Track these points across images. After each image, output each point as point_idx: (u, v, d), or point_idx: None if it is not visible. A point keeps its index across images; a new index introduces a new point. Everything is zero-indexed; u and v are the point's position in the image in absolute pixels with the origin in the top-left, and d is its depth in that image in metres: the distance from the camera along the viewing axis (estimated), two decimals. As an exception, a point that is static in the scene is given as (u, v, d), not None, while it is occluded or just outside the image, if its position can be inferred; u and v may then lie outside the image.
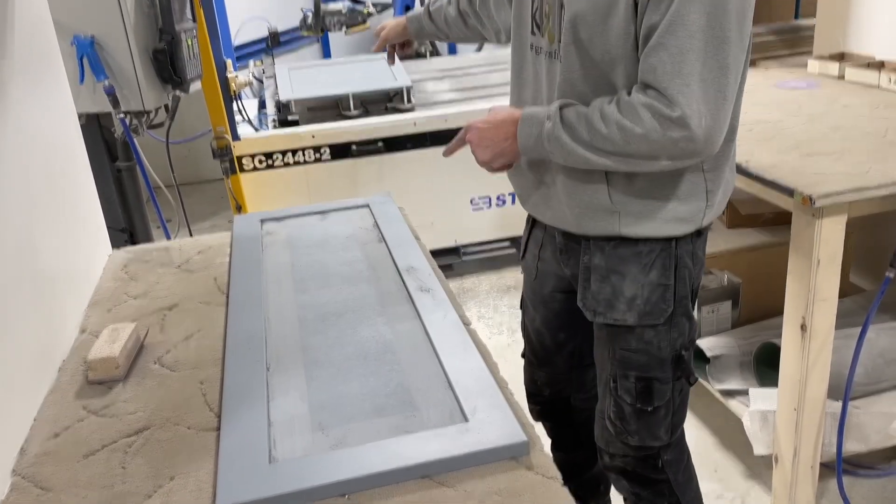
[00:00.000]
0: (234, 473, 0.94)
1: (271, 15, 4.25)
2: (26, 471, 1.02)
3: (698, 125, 1.18)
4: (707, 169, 1.37)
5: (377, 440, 0.99)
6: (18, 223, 1.25)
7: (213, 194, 4.83)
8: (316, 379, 1.15)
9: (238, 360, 1.19)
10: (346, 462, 0.94)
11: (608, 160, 1.27)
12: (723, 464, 2.30)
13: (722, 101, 1.20)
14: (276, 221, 1.79)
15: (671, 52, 1.17)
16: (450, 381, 1.09)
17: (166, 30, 2.42)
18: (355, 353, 1.21)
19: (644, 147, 1.23)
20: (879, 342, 2.09)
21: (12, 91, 1.30)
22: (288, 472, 0.94)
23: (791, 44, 3.69)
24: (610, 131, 1.24)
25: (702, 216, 1.40)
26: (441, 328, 1.24)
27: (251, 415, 1.05)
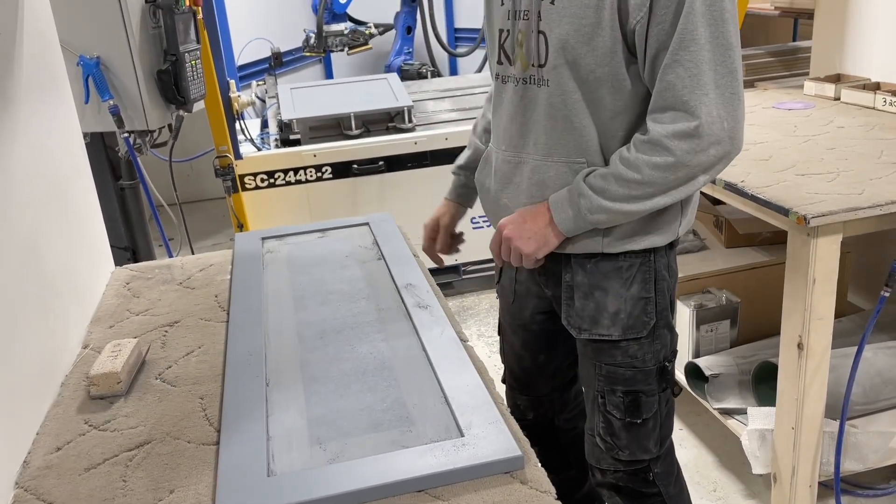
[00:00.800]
0: (233, 486, 0.95)
1: (274, 36, 4.31)
2: (29, 483, 1.04)
3: (721, 129, 1.24)
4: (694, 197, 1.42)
5: (374, 454, 1.00)
6: (24, 239, 1.27)
7: (215, 213, 4.86)
8: (314, 394, 1.17)
9: (238, 376, 1.21)
10: (343, 476, 0.96)
11: (653, 202, 1.31)
12: (722, 483, 2.30)
13: (737, 103, 1.26)
14: (277, 239, 1.81)
15: (687, 66, 1.23)
16: (446, 396, 1.11)
17: (170, 51, 2.46)
18: (353, 369, 1.23)
19: (682, 172, 1.27)
20: (877, 362, 2.10)
21: (21, 111, 1.33)
22: (286, 485, 0.95)
23: (789, 65, 3.73)
24: (644, 175, 1.28)
25: (678, 226, 1.44)
26: (438, 345, 1.25)
27: (250, 429, 1.06)
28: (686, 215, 1.45)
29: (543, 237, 1.39)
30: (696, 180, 1.30)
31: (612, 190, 1.30)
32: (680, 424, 2.58)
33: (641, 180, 1.28)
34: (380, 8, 4.88)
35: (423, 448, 1.00)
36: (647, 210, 1.32)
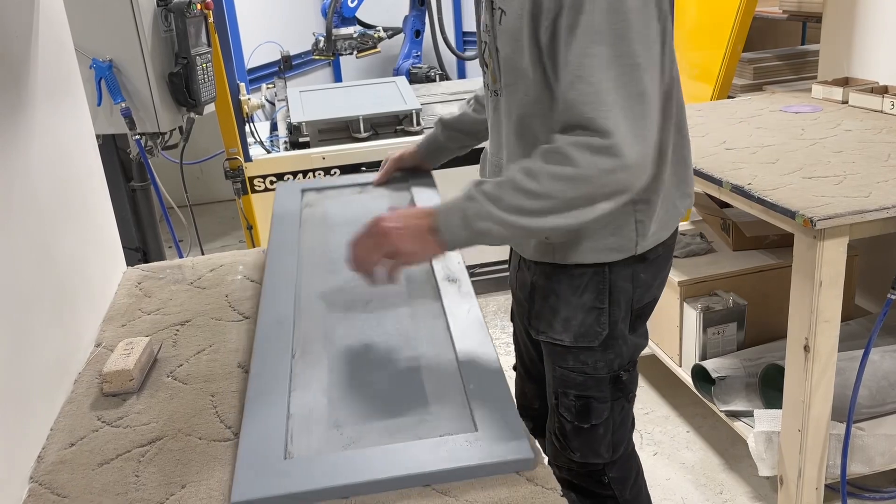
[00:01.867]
0: (252, 468, 0.98)
1: (284, 39, 4.34)
2: (43, 478, 1.06)
3: (630, 151, 1.13)
4: (636, 201, 1.32)
5: (389, 443, 1.02)
6: (38, 240, 1.29)
7: (224, 214, 4.89)
8: (337, 372, 1.18)
9: (267, 346, 1.22)
10: (357, 465, 0.98)
11: (546, 220, 1.17)
12: (728, 485, 2.31)
13: (646, 128, 1.16)
14: (317, 192, 1.83)
15: (589, 82, 1.14)
16: (465, 385, 1.12)
17: (182, 54, 2.49)
18: (377, 347, 1.24)
19: (582, 188, 1.15)
20: (884, 365, 2.10)
21: (35, 113, 1.35)
22: (301, 470, 0.97)
23: (797, 68, 3.73)
24: (542, 185, 1.15)
25: (634, 245, 1.36)
26: (463, 326, 1.25)
27: (274, 403, 1.09)
28: (647, 235, 1.37)
29: (424, 241, 1.21)
30: (596, 206, 1.17)
31: (506, 199, 1.17)
32: (687, 427, 2.58)
33: (537, 191, 1.15)
34: (389, 11, 4.90)
35: (436, 441, 1.01)
36: (539, 229, 1.19)
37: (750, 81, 3.67)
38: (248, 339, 1.40)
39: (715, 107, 2.83)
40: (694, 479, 2.34)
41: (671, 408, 2.70)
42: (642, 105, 1.15)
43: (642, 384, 2.85)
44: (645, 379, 2.88)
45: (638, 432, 2.57)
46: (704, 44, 3.28)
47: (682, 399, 2.70)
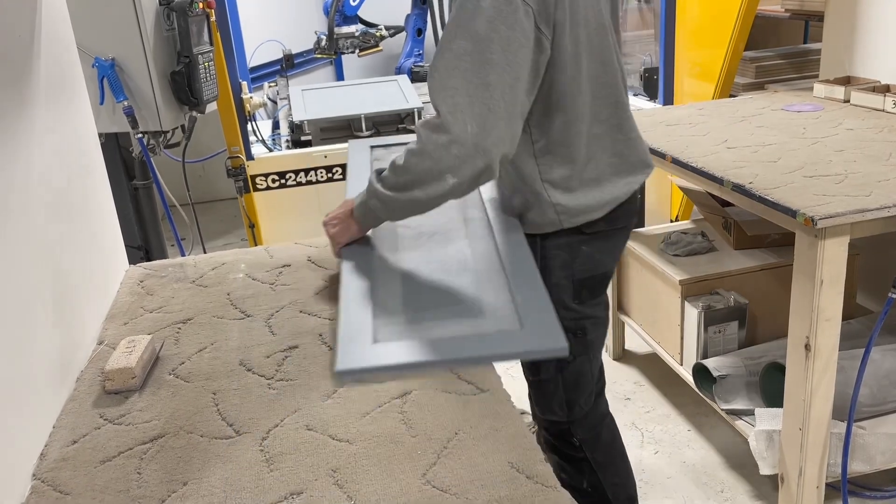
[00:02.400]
0: (349, 348, 1.17)
1: (286, 38, 4.34)
2: (46, 475, 1.06)
3: (463, 130, 1.28)
4: (546, 183, 1.53)
5: (455, 334, 1.20)
6: (41, 239, 1.30)
7: (226, 213, 4.89)
8: (409, 281, 1.38)
9: (352, 262, 1.44)
10: (429, 348, 1.17)
11: (411, 194, 1.36)
12: (729, 483, 2.31)
13: (488, 114, 1.30)
14: (384, 149, 2.01)
15: (440, 71, 1.33)
16: (513, 296, 1.29)
17: (184, 53, 2.49)
18: (442, 266, 1.42)
19: (426, 161, 1.33)
20: (885, 363, 2.10)
21: (38, 111, 1.36)
22: (386, 350, 1.16)
23: (799, 67, 3.73)
24: (404, 161, 1.35)
25: (558, 221, 1.54)
26: (508, 250, 1.45)
27: (362, 304, 1.29)
28: (571, 209, 1.54)
29: (346, 224, 1.49)
30: (445, 180, 1.32)
31: (387, 177, 1.39)
32: (688, 425, 2.58)
33: (401, 166, 1.36)
34: (390, 10, 4.90)
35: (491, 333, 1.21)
36: (407, 202, 1.38)
37: (752, 80, 3.67)
38: (249, 336, 1.40)
39: (717, 105, 2.83)
40: (695, 478, 2.34)
41: (672, 406, 2.70)
42: (486, 93, 1.30)
43: (643, 383, 2.86)
44: (646, 377, 2.89)
45: (639, 431, 2.57)
46: (706, 43, 3.28)
47: (684, 398, 2.70)
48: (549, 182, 1.53)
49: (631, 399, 2.77)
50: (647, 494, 2.29)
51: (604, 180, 1.58)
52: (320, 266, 1.71)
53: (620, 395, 2.79)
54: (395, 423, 1.12)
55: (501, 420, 1.11)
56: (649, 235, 2.84)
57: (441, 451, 1.05)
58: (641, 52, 3.93)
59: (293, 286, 1.61)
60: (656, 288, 2.61)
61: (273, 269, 1.71)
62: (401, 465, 1.03)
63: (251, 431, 1.13)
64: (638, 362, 3.00)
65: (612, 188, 1.58)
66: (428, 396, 1.18)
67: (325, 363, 1.30)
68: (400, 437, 1.09)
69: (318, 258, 1.76)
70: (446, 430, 1.09)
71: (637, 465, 2.41)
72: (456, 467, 1.01)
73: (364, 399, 1.19)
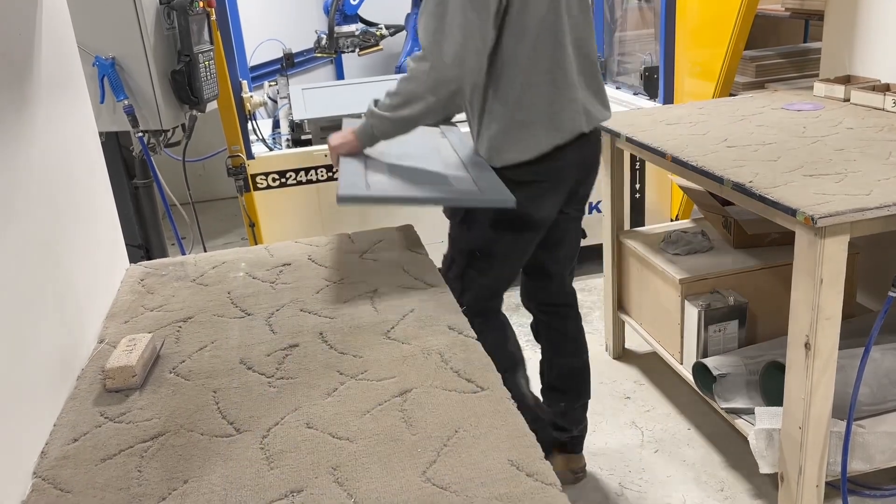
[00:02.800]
0: (348, 185, 1.69)
1: (286, 37, 4.34)
2: (46, 473, 1.07)
3: (441, 60, 1.75)
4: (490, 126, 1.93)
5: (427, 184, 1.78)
6: (41, 238, 1.30)
7: (227, 212, 4.90)
8: (394, 165, 1.86)
9: (350, 160, 1.88)
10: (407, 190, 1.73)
11: (402, 111, 1.81)
12: (729, 482, 2.31)
13: (460, 48, 1.74)
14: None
15: (424, 17, 1.79)
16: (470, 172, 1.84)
17: (184, 51, 2.49)
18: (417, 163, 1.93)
19: (413, 84, 1.79)
20: (885, 362, 2.10)
21: (39, 110, 1.36)
22: (375, 188, 1.69)
23: (799, 66, 3.73)
24: (397, 87, 1.82)
25: (488, 158, 1.94)
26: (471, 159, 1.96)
27: (357, 174, 1.77)
28: (502, 150, 1.92)
29: (347, 139, 1.91)
30: (426, 99, 1.78)
31: (382, 101, 1.85)
32: (688, 424, 2.59)
33: (395, 90, 1.82)
34: (391, 9, 4.90)
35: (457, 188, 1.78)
36: (399, 119, 1.83)
37: (752, 79, 3.67)
38: (250, 335, 1.41)
39: (717, 104, 2.83)
40: (695, 477, 2.35)
41: (672, 405, 2.70)
42: (458, 32, 1.74)
43: (643, 382, 2.86)
44: (646, 376, 2.89)
45: (639, 429, 2.57)
46: (706, 42, 3.28)
47: (684, 397, 2.70)
48: (489, 114, 1.93)
49: (631, 398, 2.77)
50: (646, 493, 2.29)
51: (530, 126, 1.92)
52: (321, 265, 1.71)
53: (620, 394, 2.79)
54: (396, 420, 1.12)
55: (501, 418, 1.11)
56: (649, 234, 2.84)
57: (441, 449, 1.05)
58: (642, 51, 3.93)
59: (293, 285, 1.62)
60: (656, 287, 2.61)
61: (273, 268, 1.71)
62: (401, 463, 1.03)
63: (251, 429, 1.13)
64: (638, 361, 3.00)
65: (536, 137, 1.92)
66: (428, 395, 1.18)
67: (325, 361, 1.30)
68: (400, 434, 1.09)
69: (319, 257, 1.76)
70: (446, 428, 1.10)
71: (637, 463, 2.41)
72: (456, 465, 1.01)
73: (364, 397, 1.19)
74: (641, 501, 2.26)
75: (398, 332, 1.38)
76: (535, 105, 1.90)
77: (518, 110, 1.89)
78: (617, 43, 4.22)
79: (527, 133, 1.91)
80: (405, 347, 1.33)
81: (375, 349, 1.33)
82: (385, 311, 1.46)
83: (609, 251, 2.92)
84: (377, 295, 1.53)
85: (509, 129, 1.90)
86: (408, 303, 1.48)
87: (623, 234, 2.88)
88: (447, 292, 1.52)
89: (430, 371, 1.25)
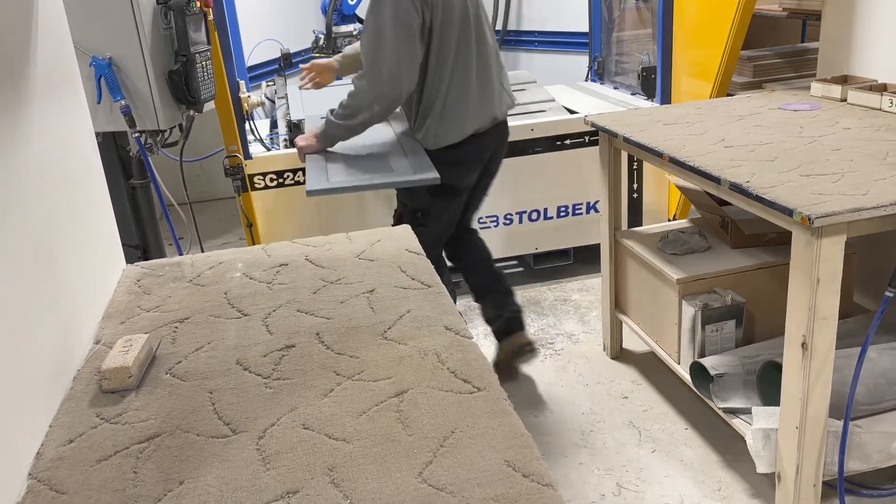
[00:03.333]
0: (313, 179, 2.30)
1: (284, 37, 4.34)
2: (42, 474, 1.06)
3: (380, 77, 2.32)
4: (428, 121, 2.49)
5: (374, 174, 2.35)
6: (38, 238, 1.30)
7: (224, 212, 4.89)
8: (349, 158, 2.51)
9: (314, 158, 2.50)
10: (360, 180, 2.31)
11: (352, 121, 2.41)
12: (726, 482, 2.31)
13: (394, 65, 2.30)
14: None
15: (364, 45, 2.37)
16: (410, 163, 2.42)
17: (182, 51, 2.49)
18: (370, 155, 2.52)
19: (356, 99, 2.38)
20: (881, 362, 2.11)
21: (35, 110, 1.36)
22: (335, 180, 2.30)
23: (797, 66, 3.73)
24: (347, 100, 2.41)
25: (427, 142, 2.51)
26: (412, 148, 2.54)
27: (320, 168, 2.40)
28: (432, 136, 2.49)
29: (310, 141, 2.52)
30: (372, 108, 2.38)
31: (337, 111, 2.44)
32: (685, 424, 2.59)
33: (345, 103, 2.42)
34: (389, 9, 4.90)
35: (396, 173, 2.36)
36: (351, 125, 2.43)
37: (749, 79, 3.67)
38: (246, 335, 1.40)
39: (714, 104, 2.83)
40: (692, 476, 2.35)
41: (670, 405, 2.70)
42: (391, 53, 2.29)
43: (641, 381, 2.86)
44: (643, 376, 2.89)
45: (636, 429, 2.58)
46: (704, 42, 3.28)
47: (681, 396, 2.70)
48: (423, 109, 2.49)
49: (629, 398, 2.77)
50: (644, 493, 2.29)
51: (456, 117, 2.48)
52: (318, 265, 1.71)
53: (618, 394, 2.80)
54: (392, 421, 1.12)
55: (497, 418, 1.11)
56: (647, 234, 2.84)
57: (437, 450, 1.05)
58: (639, 51, 3.93)
59: (290, 285, 1.61)
60: (654, 287, 2.61)
61: (270, 269, 1.71)
62: (397, 464, 1.03)
63: (248, 430, 1.13)
64: (635, 361, 3.00)
65: (462, 125, 2.49)
66: (424, 395, 1.18)
67: (322, 362, 1.30)
68: (396, 435, 1.09)
69: (316, 257, 1.76)
70: (442, 428, 1.10)
71: (634, 463, 2.42)
72: (452, 466, 1.01)
73: (361, 398, 1.19)
74: (639, 501, 2.26)
75: (395, 333, 1.38)
76: (460, 100, 2.46)
77: (446, 105, 2.46)
78: (614, 43, 4.22)
79: (454, 123, 2.47)
80: (402, 348, 1.32)
81: (372, 350, 1.33)
82: (382, 312, 1.46)
83: (607, 251, 2.92)
84: (374, 295, 1.53)
85: (441, 120, 2.47)
86: (404, 303, 1.48)
87: (621, 234, 2.88)
88: (444, 293, 1.52)
89: (427, 372, 1.24)
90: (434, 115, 2.45)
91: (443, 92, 2.43)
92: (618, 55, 4.21)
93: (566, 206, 3.64)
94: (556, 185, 3.58)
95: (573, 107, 3.77)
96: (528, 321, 3.36)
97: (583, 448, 2.50)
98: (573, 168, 3.56)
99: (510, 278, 2.93)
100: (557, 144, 3.52)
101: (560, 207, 3.63)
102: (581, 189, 3.61)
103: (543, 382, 2.90)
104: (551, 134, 3.50)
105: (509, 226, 3.57)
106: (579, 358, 3.06)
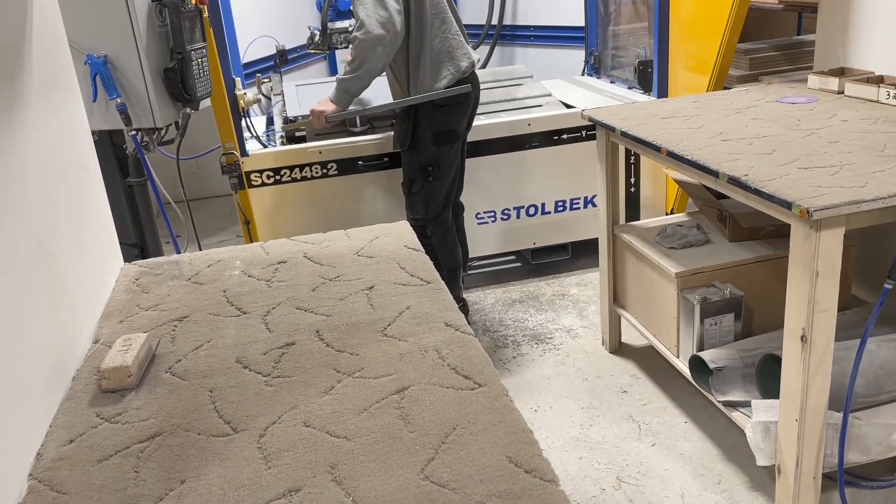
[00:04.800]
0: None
1: (279, 33, 4.32)
2: (42, 475, 1.06)
3: (375, 24, 2.65)
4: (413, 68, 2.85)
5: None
6: (35, 237, 1.29)
7: (221, 209, 4.88)
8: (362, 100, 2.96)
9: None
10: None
11: (359, 72, 2.73)
12: (727, 475, 2.32)
13: (384, 12, 2.66)
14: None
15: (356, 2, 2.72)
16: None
17: (177, 49, 2.48)
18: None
19: (360, 47, 2.68)
20: (880, 354, 2.11)
21: (30, 109, 1.35)
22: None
23: (793, 59, 3.73)
24: (351, 53, 2.72)
25: (418, 93, 2.83)
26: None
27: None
28: (424, 86, 2.83)
29: (325, 104, 2.87)
30: (376, 51, 2.68)
31: (345, 69, 2.77)
32: (684, 417, 2.59)
33: (350, 58, 2.73)
34: (384, 5, 4.89)
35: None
36: (362, 74, 2.74)
37: (746, 72, 3.66)
38: (246, 333, 1.40)
39: (711, 98, 2.83)
40: (692, 470, 2.35)
41: (669, 399, 2.71)
42: (379, 7, 2.66)
43: (640, 375, 2.86)
44: (643, 370, 2.89)
45: (636, 423, 2.58)
46: (700, 35, 3.27)
47: (680, 390, 2.71)
48: (414, 63, 2.82)
49: (628, 392, 2.77)
50: (644, 486, 2.29)
51: (443, 65, 2.84)
52: (316, 262, 1.71)
53: (617, 388, 2.80)
54: (393, 418, 1.12)
55: (499, 414, 1.11)
56: (645, 228, 2.84)
57: (439, 447, 1.05)
58: (635, 44, 3.92)
59: (289, 283, 1.61)
60: (652, 281, 2.61)
61: (269, 266, 1.70)
62: (399, 461, 1.03)
63: (248, 429, 1.13)
64: (634, 355, 3.01)
65: (449, 72, 2.84)
66: (425, 392, 1.18)
67: (322, 359, 1.30)
68: (398, 432, 1.09)
69: (315, 254, 1.75)
70: (444, 425, 1.09)
71: (634, 457, 2.42)
72: (454, 462, 1.01)
73: (361, 395, 1.19)
74: (639, 495, 2.26)
75: (395, 330, 1.38)
76: (442, 51, 2.85)
77: (433, 57, 2.84)
78: (611, 37, 4.22)
79: (443, 70, 2.85)
80: (402, 344, 1.32)
81: (372, 346, 1.32)
82: (381, 309, 1.46)
83: (605, 245, 2.92)
84: (373, 292, 1.53)
85: (431, 69, 2.84)
86: (404, 300, 1.48)
87: (619, 229, 2.88)
88: (443, 289, 1.52)
89: (428, 368, 1.24)
90: (424, 62, 2.82)
91: (427, 40, 2.80)
92: (614, 49, 4.20)
93: (564, 200, 3.64)
94: (553, 180, 3.58)
95: (570, 101, 3.77)
96: (527, 316, 3.37)
97: (582, 442, 2.51)
98: (570, 163, 3.56)
99: (508, 274, 2.95)
100: (554, 139, 3.52)
101: (558, 202, 3.63)
102: (578, 184, 3.61)
103: (542, 377, 2.90)
104: (548, 129, 3.50)
105: (507, 221, 3.57)
106: (578, 352, 3.06)
